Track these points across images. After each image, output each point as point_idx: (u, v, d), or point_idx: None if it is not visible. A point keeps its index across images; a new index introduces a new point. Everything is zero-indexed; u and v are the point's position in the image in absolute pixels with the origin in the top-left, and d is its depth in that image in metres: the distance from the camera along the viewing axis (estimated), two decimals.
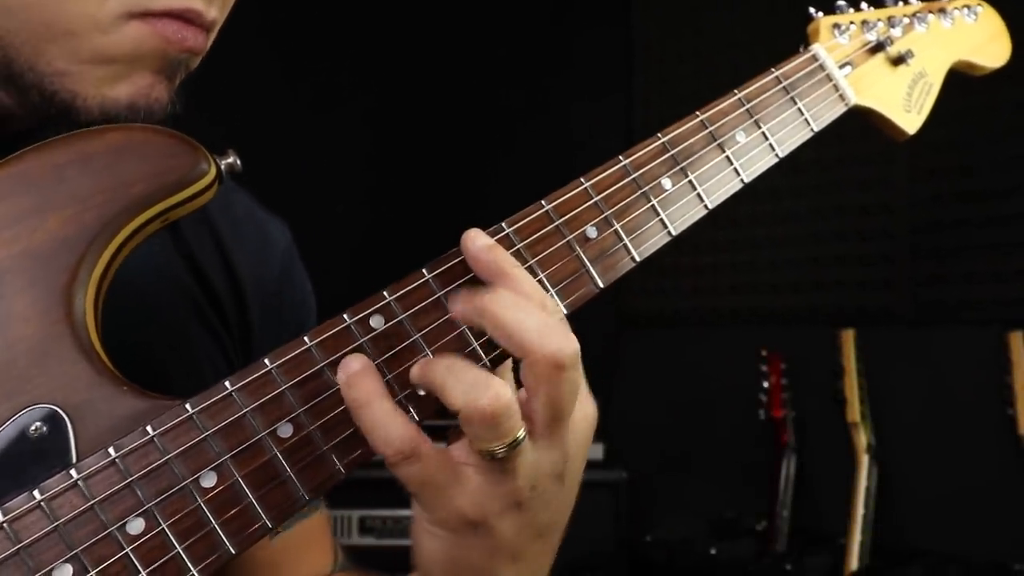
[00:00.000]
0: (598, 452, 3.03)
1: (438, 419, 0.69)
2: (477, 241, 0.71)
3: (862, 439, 2.74)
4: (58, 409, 0.63)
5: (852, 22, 0.96)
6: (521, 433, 0.67)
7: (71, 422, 0.63)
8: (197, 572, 0.63)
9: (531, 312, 0.67)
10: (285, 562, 0.92)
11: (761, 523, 2.92)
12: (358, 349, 0.68)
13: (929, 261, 2.83)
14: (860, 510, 2.66)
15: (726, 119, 0.85)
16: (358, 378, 0.67)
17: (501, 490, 0.68)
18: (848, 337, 2.81)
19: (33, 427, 0.63)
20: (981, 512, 2.62)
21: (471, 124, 3.31)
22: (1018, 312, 2.59)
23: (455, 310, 0.70)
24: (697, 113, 0.85)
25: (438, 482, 0.68)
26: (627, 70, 3.63)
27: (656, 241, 0.79)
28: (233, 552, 0.64)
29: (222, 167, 0.71)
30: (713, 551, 2.88)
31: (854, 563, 2.61)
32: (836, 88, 0.92)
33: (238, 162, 0.72)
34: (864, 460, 2.72)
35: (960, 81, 1.00)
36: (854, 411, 2.76)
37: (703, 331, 3.42)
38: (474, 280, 0.71)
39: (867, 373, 2.80)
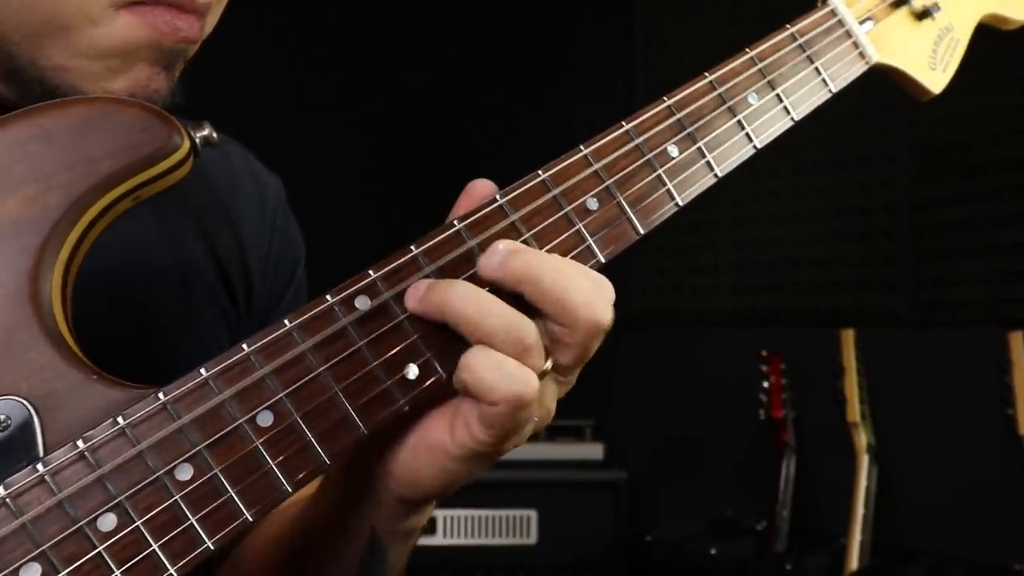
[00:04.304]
0: (598, 452, 3.02)
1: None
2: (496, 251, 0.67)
3: (862, 439, 2.72)
4: (23, 400, 0.60)
5: None
6: (548, 364, 0.67)
7: (38, 414, 0.60)
8: (174, 570, 0.60)
9: (576, 278, 0.67)
10: None
11: (761, 523, 2.90)
12: (342, 331, 0.65)
13: (929, 261, 2.82)
14: (860, 510, 2.63)
15: (737, 80, 0.80)
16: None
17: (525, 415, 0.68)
18: (848, 337, 2.79)
19: None
20: (981, 512, 2.60)
21: (472, 124, 3.30)
22: (1018, 312, 2.58)
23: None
24: (706, 74, 0.79)
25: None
26: (628, 70, 3.62)
27: (662, 213, 0.75)
28: (212, 549, 0.61)
29: (197, 140, 0.68)
30: (713, 551, 2.86)
31: (854, 563, 2.59)
32: (856, 45, 0.86)
33: (214, 134, 0.69)
34: (864, 460, 2.70)
35: (962, 82, 0.96)
36: (854, 411, 2.74)
37: (703, 331, 3.40)
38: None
39: (867, 373, 2.78)
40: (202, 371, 0.63)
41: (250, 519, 0.62)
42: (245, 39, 2.24)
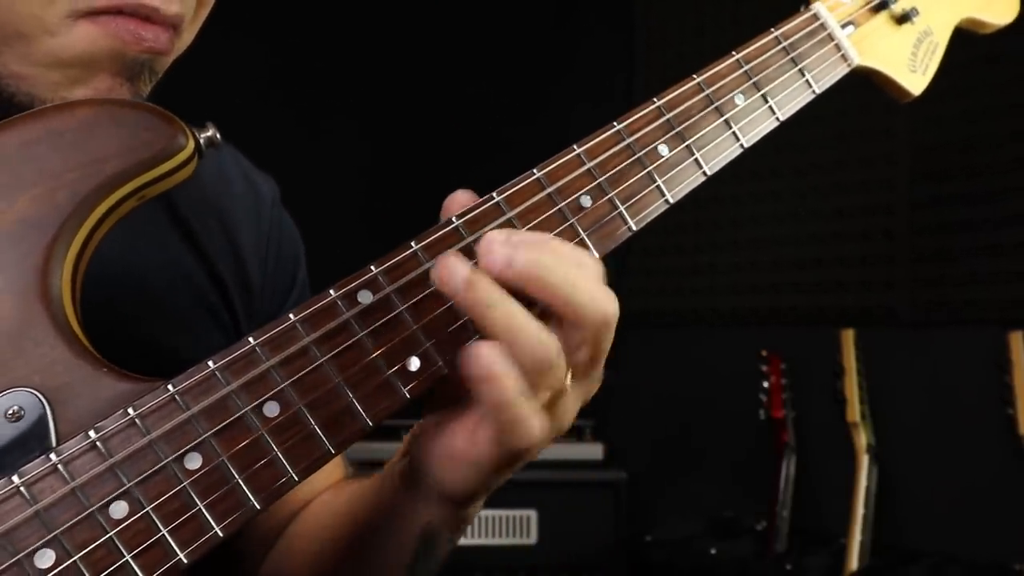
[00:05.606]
0: (598, 452, 3.03)
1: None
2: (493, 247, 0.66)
3: (862, 439, 2.73)
4: (36, 392, 0.62)
5: None
6: (568, 380, 0.69)
7: (50, 405, 0.62)
8: (184, 556, 0.62)
9: (575, 272, 0.66)
10: None
11: (761, 523, 2.91)
12: (345, 324, 0.67)
13: (929, 261, 2.82)
14: (860, 510, 2.64)
15: (724, 82, 0.82)
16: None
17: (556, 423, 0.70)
18: (848, 337, 2.80)
19: (11, 411, 0.61)
20: (981, 512, 2.61)
21: (473, 123, 3.31)
22: (1018, 312, 2.58)
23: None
24: (694, 76, 0.82)
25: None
26: (628, 72, 3.62)
27: (654, 209, 0.77)
28: (221, 535, 0.63)
29: (201, 140, 0.69)
30: (713, 551, 2.87)
31: (854, 563, 2.60)
32: (838, 48, 0.89)
33: (217, 135, 0.70)
34: (864, 460, 2.71)
35: (963, 82, 0.97)
36: (854, 411, 2.75)
37: (703, 331, 3.41)
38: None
39: (867, 373, 2.79)
40: (209, 363, 0.64)
41: (257, 506, 0.64)
42: (240, 40, 2.25)
